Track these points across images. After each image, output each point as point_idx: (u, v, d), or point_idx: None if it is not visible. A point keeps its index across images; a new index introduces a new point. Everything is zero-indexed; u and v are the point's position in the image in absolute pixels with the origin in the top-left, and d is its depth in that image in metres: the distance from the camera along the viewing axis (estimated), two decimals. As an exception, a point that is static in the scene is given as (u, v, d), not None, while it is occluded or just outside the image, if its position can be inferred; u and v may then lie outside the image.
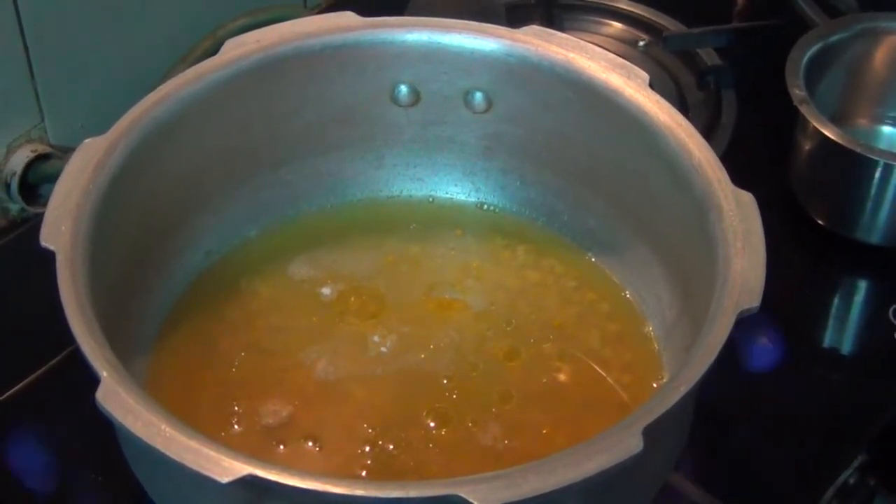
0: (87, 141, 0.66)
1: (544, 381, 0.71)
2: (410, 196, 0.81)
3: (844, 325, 0.84)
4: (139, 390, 0.55)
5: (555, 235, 0.78)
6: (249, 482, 0.51)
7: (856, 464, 0.74)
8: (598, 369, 0.72)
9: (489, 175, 0.79)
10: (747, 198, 0.64)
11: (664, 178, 0.69)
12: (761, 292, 0.60)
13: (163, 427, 0.53)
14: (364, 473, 0.65)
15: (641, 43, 1.02)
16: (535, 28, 0.73)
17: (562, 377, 0.71)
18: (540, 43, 0.73)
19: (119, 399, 0.54)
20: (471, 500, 0.50)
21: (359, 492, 0.51)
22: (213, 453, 0.52)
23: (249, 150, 0.75)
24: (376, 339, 0.72)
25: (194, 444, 0.52)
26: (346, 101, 0.76)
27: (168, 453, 0.52)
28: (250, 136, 0.75)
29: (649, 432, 0.53)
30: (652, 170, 0.70)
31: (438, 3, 0.86)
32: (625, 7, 1.05)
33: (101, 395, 0.54)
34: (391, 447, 0.66)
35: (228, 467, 0.51)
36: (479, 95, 0.76)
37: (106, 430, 0.64)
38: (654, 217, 0.72)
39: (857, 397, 0.79)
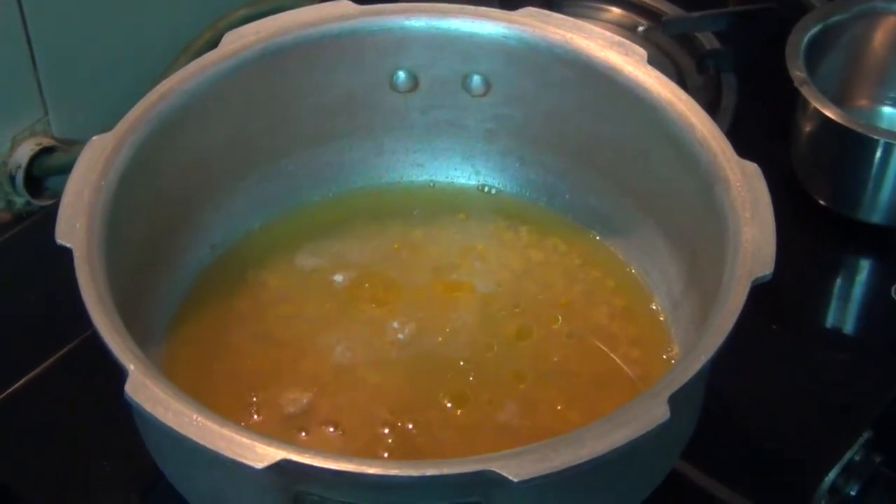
0: (94, 138, 0.66)
1: (556, 359, 0.71)
2: (411, 182, 0.81)
3: (847, 305, 0.85)
4: (167, 381, 0.55)
5: (557, 215, 0.79)
6: (284, 467, 0.52)
7: (861, 441, 0.74)
8: (607, 344, 0.72)
9: (489, 158, 0.80)
10: (752, 168, 0.65)
11: (667, 152, 0.69)
12: (773, 259, 0.60)
13: (194, 417, 0.53)
14: (387, 455, 0.65)
15: (640, 28, 1.01)
16: (531, 10, 0.74)
17: (572, 354, 0.72)
18: (537, 24, 0.73)
19: (148, 391, 0.54)
20: (504, 474, 0.51)
21: (394, 471, 0.52)
22: (246, 440, 0.52)
23: (250, 142, 0.75)
24: (395, 325, 0.72)
25: (227, 431, 0.52)
26: (345, 90, 0.76)
27: (202, 442, 0.52)
28: (251, 129, 0.75)
29: (674, 401, 0.54)
30: (654, 145, 0.70)
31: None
32: (623, -8, 1.04)
33: (130, 389, 0.54)
34: (411, 426, 0.67)
35: (263, 453, 0.52)
36: (477, 79, 0.76)
37: (115, 420, 0.65)
38: (658, 192, 0.72)
39: (861, 376, 0.79)
